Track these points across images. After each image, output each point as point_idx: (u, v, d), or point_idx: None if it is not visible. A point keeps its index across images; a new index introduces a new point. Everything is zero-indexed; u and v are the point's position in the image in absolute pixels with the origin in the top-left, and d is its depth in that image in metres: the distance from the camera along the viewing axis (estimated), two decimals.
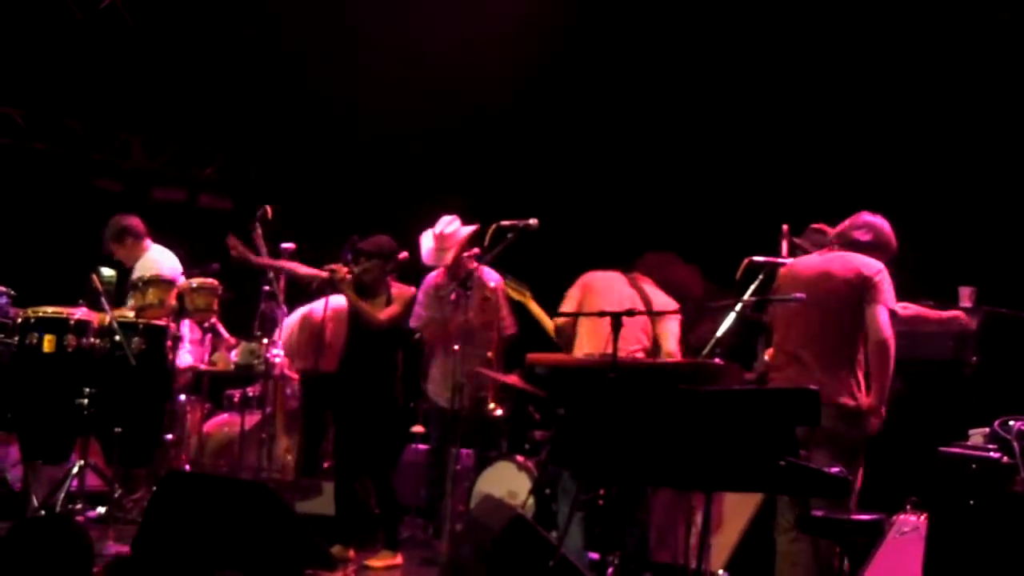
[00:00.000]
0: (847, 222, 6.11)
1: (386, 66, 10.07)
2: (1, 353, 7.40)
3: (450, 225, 7.57)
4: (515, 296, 7.67)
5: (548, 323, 7.33)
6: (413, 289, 7.35)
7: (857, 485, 5.74)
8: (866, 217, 6.09)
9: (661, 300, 6.61)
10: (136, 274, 7.94)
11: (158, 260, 8.11)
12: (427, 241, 7.64)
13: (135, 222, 8.20)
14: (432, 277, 7.80)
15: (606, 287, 6.63)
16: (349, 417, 7.15)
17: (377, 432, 7.05)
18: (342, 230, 7.71)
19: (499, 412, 7.72)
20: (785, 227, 6.64)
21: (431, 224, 7.71)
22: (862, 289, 5.78)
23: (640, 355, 6.48)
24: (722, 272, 6.61)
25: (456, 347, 7.07)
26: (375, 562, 6.97)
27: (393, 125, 9.99)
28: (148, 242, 8.21)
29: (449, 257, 7.51)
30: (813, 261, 6.04)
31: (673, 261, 6.86)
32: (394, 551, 7.05)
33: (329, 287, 7.29)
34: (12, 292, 7.76)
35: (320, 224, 9.06)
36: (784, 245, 6.64)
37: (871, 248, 5.98)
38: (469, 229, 7.55)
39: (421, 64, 9.97)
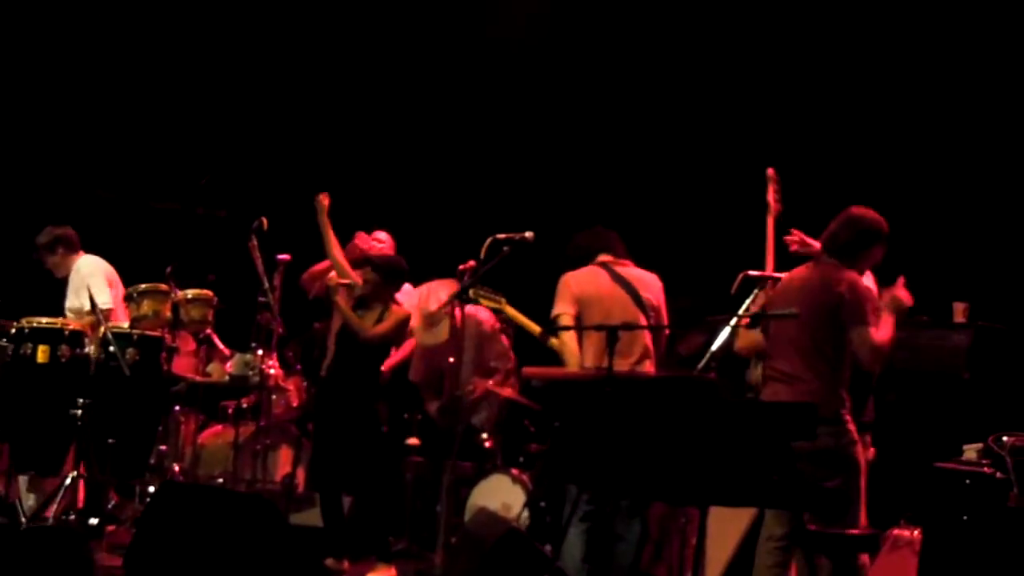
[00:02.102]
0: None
1: (381, 73, 10.10)
2: None
3: (433, 298, 7.49)
4: (490, 305, 7.51)
5: (532, 326, 7.14)
6: (409, 312, 7.36)
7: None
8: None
9: (648, 280, 6.50)
10: (74, 283, 7.93)
11: (95, 269, 8.03)
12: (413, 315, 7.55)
13: (69, 233, 8.14)
14: None
15: (597, 294, 6.35)
16: (329, 430, 7.13)
17: (357, 446, 7.03)
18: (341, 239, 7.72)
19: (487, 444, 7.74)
20: (771, 171, 6.54)
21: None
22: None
23: (646, 363, 6.32)
24: (717, 286, 6.61)
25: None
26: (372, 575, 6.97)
27: (392, 133, 10.03)
28: (80, 253, 8.13)
29: (445, 332, 7.43)
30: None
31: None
32: (388, 563, 7.04)
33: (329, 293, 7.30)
34: None
35: (315, 236, 9.05)
36: (771, 191, 6.51)
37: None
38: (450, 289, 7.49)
39: (419, 71, 10.00)
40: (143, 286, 7.85)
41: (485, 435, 7.80)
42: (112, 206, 10.18)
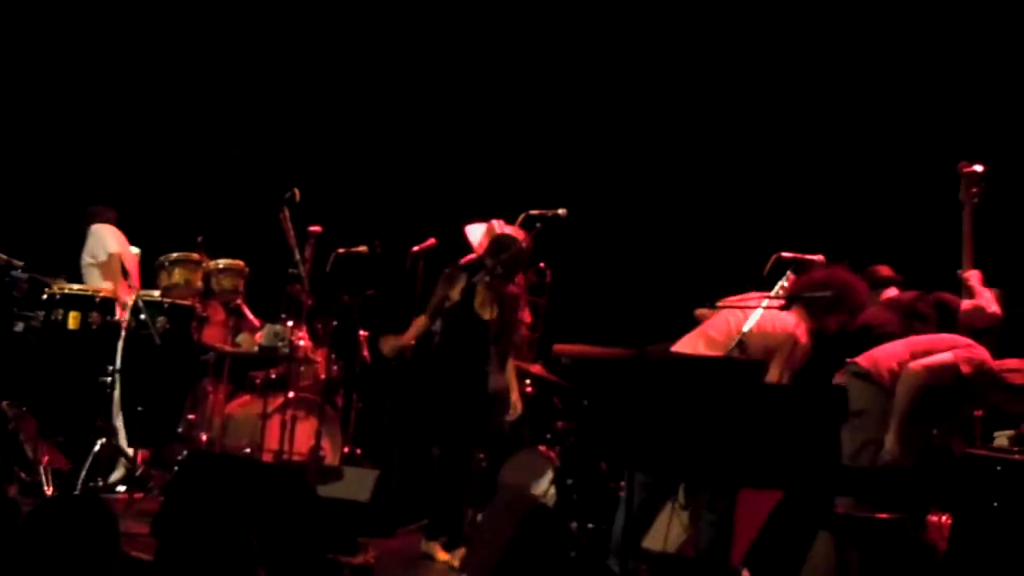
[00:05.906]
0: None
1: (412, 47, 10.09)
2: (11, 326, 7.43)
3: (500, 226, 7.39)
4: None
5: None
6: None
7: None
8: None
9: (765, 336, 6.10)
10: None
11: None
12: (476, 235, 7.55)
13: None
14: None
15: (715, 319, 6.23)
16: (442, 395, 6.96)
17: (468, 409, 6.86)
18: (367, 213, 7.71)
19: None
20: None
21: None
22: None
23: None
24: (750, 267, 6.58)
25: None
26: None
27: (418, 108, 10.02)
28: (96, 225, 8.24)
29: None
30: None
31: (822, 288, 6.04)
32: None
33: None
34: (24, 265, 7.76)
35: (345, 207, 9.05)
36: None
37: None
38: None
39: (444, 46, 9.98)
40: (175, 255, 7.85)
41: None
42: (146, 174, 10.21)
